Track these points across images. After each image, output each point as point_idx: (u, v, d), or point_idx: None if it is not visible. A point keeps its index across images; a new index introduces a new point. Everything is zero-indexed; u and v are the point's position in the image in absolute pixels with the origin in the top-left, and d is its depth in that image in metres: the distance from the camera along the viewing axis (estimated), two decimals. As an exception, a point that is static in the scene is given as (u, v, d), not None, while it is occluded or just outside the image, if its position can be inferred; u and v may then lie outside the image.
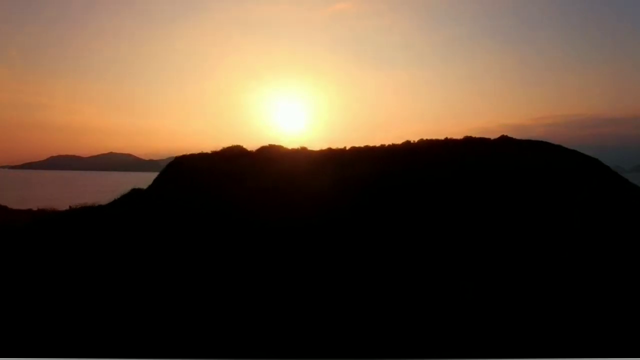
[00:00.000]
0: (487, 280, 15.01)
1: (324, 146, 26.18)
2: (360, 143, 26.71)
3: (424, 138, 30.26)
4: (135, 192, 21.54)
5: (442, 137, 31.67)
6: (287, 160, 22.60)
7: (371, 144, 27.15)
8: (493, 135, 32.66)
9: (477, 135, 32.04)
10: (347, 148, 26.01)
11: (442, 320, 11.41)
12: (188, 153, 27.08)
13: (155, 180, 23.93)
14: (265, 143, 25.43)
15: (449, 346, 10.13)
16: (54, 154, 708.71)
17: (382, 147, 27.16)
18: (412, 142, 29.53)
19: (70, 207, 22.83)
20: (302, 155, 23.98)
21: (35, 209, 38.79)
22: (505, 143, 36.50)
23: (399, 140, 27.19)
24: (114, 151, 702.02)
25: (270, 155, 23.37)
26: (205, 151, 26.25)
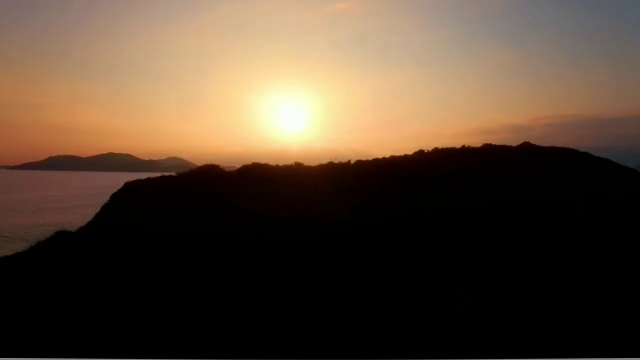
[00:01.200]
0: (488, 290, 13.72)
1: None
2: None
3: (439, 147, 26.30)
4: (60, 236, 17.05)
5: (458, 145, 27.69)
6: (274, 185, 18.00)
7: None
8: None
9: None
10: (352, 162, 21.84)
11: (440, 328, 11.27)
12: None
13: (97, 216, 19.15)
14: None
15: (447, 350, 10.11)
16: (53, 154, 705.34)
17: (393, 158, 23.10)
18: (425, 151, 25.60)
19: None
20: (294, 176, 19.28)
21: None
22: (527, 151, 32.68)
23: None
24: (113, 151, 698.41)
25: (253, 178, 18.57)
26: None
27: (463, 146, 28.27)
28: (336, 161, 21.27)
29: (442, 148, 26.42)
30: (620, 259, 14.97)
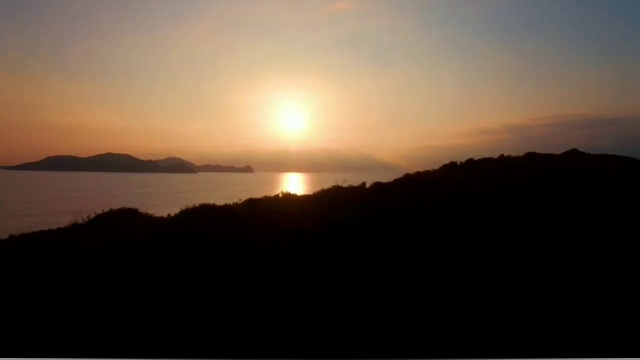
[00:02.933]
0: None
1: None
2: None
3: (474, 158, 20.48)
4: None
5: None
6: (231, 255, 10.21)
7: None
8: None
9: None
10: (367, 186, 15.48)
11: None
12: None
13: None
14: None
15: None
16: (51, 155, 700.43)
17: (419, 176, 17.18)
18: (458, 163, 19.79)
19: None
20: (279, 224, 11.56)
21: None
22: (577, 160, 26.91)
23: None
24: (112, 152, 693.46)
25: (211, 229, 11.19)
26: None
27: (502, 155, 22.43)
28: (345, 185, 14.97)
29: (478, 159, 20.62)
30: None
